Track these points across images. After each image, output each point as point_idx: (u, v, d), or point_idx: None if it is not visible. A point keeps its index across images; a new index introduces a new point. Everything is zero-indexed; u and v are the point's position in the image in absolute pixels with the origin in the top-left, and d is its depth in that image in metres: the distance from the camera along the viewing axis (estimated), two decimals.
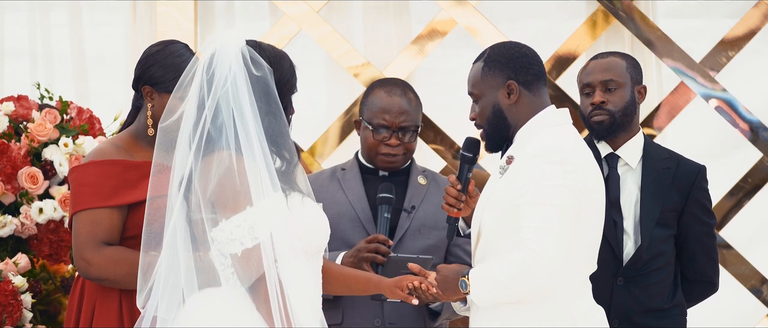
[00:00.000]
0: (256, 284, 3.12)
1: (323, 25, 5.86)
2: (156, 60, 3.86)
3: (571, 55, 5.88)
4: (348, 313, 4.23)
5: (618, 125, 4.31)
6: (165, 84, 3.83)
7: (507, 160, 3.64)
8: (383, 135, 4.27)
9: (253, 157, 3.13)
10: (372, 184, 4.32)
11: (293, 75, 3.32)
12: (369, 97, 4.34)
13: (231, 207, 3.11)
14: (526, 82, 3.67)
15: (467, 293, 3.58)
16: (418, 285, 3.64)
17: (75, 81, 5.97)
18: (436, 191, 4.35)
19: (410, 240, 4.26)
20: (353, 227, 4.25)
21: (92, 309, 3.85)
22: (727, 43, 5.85)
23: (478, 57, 3.76)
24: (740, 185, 5.83)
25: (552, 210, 3.48)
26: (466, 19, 5.85)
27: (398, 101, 4.28)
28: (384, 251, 4.10)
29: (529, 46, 3.75)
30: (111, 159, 3.83)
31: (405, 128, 4.28)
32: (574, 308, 3.59)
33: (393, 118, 4.26)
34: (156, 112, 3.85)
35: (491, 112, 3.69)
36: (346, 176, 4.36)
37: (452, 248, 4.31)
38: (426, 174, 4.40)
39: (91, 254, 3.76)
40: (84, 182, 3.82)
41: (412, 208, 4.30)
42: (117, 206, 3.79)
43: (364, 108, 4.33)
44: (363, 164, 4.38)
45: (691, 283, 4.41)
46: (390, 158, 4.29)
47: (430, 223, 4.29)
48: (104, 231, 3.77)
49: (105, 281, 3.79)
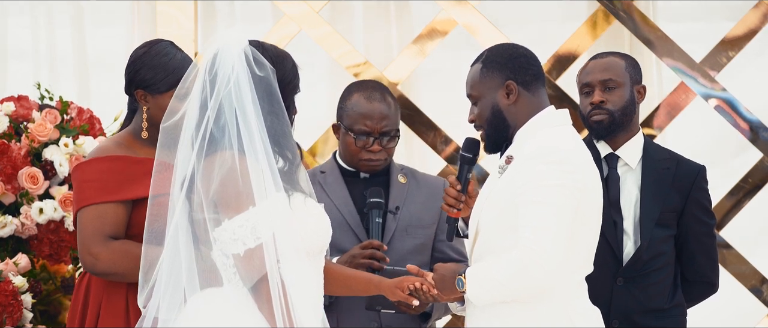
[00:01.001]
0: (259, 284, 3.12)
1: (323, 25, 5.86)
2: (143, 63, 3.86)
3: (572, 55, 5.88)
4: (344, 317, 4.23)
5: (617, 125, 4.31)
6: (156, 85, 3.83)
7: (506, 160, 3.65)
8: (365, 141, 4.28)
9: (256, 157, 3.13)
10: (354, 186, 4.34)
11: (296, 75, 3.32)
12: (347, 102, 4.34)
13: (234, 207, 3.11)
14: (524, 83, 3.68)
15: (464, 292, 3.59)
16: (420, 286, 3.65)
17: (76, 81, 5.97)
18: (417, 189, 4.38)
19: (398, 241, 4.28)
20: (342, 231, 4.24)
21: (98, 307, 3.85)
22: (727, 43, 5.85)
23: (476, 59, 3.77)
24: (740, 185, 5.83)
25: (550, 210, 3.48)
26: (467, 18, 5.85)
27: (379, 107, 4.29)
28: (380, 257, 4.12)
29: (526, 47, 3.76)
30: (114, 155, 3.84)
31: (386, 133, 4.29)
32: (571, 308, 3.59)
33: (374, 124, 4.27)
34: (152, 114, 3.86)
35: (490, 113, 3.70)
36: (327, 179, 4.36)
37: (438, 244, 4.33)
38: (405, 172, 4.42)
39: (99, 248, 3.75)
40: (88, 178, 3.82)
41: (397, 208, 4.32)
42: (122, 201, 3.79)
43: (343, 113, 4.33)
44: (343, 167, 4.38)
45: (690, 283, 4.41)
46: (372, 163, 4.30)
47: (416, 222, 4.32)
48: (110, 225, 3.77)
49: (112, 276, 3.79)
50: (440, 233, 4.35)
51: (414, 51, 5.90)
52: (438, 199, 4.36)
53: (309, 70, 5.67)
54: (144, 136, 3.86)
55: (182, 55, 3.90)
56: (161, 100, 3.84)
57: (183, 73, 3.80)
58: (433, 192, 4.40)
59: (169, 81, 3.82)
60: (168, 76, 3.83)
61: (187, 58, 3.90)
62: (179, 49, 3.92)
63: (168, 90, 3.83)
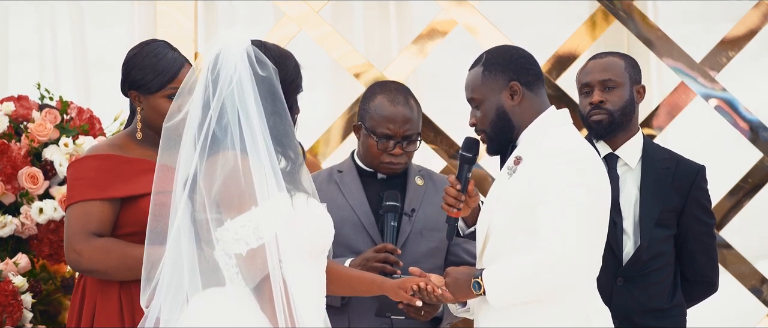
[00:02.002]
0: (261, 284, 3.12)
1: (324, 25, 5.85)
2: (135, 64, 3.88)
3: (571, 56, 5.88)
4: (355, 319, 4.22)
5: (617, 124, 4.32)
6: (146, 85, 3.86)
7: (514, 161, 3.64)
8: (386, 144, 4.24)
9: (259, 157, 3.12)
10: (371, 187, 4.31)
11: (298, 75, 3.31)
12: (370, 103, 4.27)
13: (236, 207, 3.11)
14: (527, 83, 3.68)
15: (480, 294, 3.57)
16: (424, 287, 3.64)
17: (76, 81, 5.97)
18: (434, 192, 4.33)
19: (413, 244, 4.24)
20: (356, 232, 4.23)
21: (93, 308, 3.86)
22: (727, 43, 5.85)
23: (474, 63, 3.75)
24: (740, 185, 5.83)
25: (571, 210, 3.48)
26: (467, 19, 5.85)
27: (402, 111, 4.22)
28: (393, 261, 4.09)
29: (524, 49, 3.76)
30: (105, 153, 3.86)
31: (408, 137, 4.25)
32: (589, 307, 3.59)
33: (397, 128, 4.22)
34: (145, 115, 3.88)
35: (495, 115, 3.69)
36: (344, 178, 4.32)
37: (453, 247, 4.29)
38: (422, 174, 4.37)
39: (81, 244, 3.78)
40: (78, 176, 3.85)
41: (413, 211, 4.27)
42: (109, 199, 3.81)
43: (365, 115, 4.27)
44: (360, 167, 4.35)
45: (690, 283, 4.42)
46: (393, 166, 4.26)
47: (431, 225, 4.27)
48: (95, 223, 3.79)
49: (96, 273, 3.81)
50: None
51: (414, 51, 5.89)
52: None
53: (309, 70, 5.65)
54: (138, 136, 3.88)
55: (174, 54, 3.90)
56: (153, 101, 3.86)
57: (173, 73, 3.84)
58: None
59: (158, 81, 3.85)
60: (157, 77, 3.85)
61: (179, 57, 3.91)
62: (172, 48, 3.93)
63: (158, 90, 3.86)
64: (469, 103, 3.75)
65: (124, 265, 3.77)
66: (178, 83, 3.79)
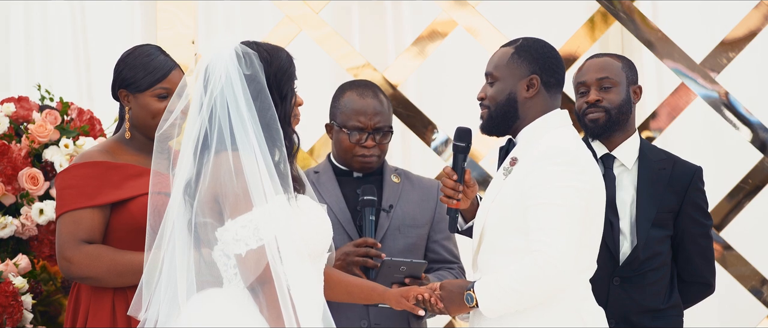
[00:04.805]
0: (259, 285, 3.13)
1: (323, 26, 5.85)
2: (126, 63, 3.94)
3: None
4: (333, 314, 4.23)
5: (613, 123, 4.32)
6: (136, 83, 3.89)
7: (510, 162, 3.65)
8: (359, 137, 4.32)
9: (255, 158, 3.13)
10: (347, 185, 4.37)
11: (291, 63, 3.33)
12: (340, 100, 4.39)
13: (236, 208, 3.11)
14: (547, 83, 3.69)
15: (473, 307, 3.58)
16: (428, 298, 3.63)
17: (76, 82, 5.97)
18: (411, 189, 4.41)
19: (391, 240, 4.30)
20: (334, 229, 4.25)
21: (87, 311, 3.88)
22: (728, 44, 5.85)
23: (509, 42, 3.77)
24: (740, 185, 5.82)
25: (562, 211, 3.49)
26: (467, 20, 5.85)
27: (372, 103, 4.34)
28: (374, 254, 4.14)
29: (559, 53, 3.77)
30: (93, 161, 3.88)
31: (380, 129, 4.34)
32: (582, 308, 3.60)
33: (368, 120, 4.32)
34: (134, 114, 3.91)
35: (505, 98, 3.70)
36: (320, 179, 4.39)
37: (431, 244, 4.35)
38: (399, 172, 4.45)
39: (72, 252, 3.81)
40: (66, 185, 3.89)
41: (390, 207, 4.34)
42: (98, 206, 3.84)
43: (336, 112, 4.38)
44: (336, 166, 4.41)
45: (687, 284, 4.42)
46: (366, 160, 4.34)
47: (409, 221, 4.35)
48: (85, 230, 3.82)
49: (87, 280, 3.84)
50: (434, 233, 4.37)
51: (413, 52, 5.89)
52: (432, 200, 4.39)
53: (309, 71, 5.67)
54: (127, 136, 3.92)
55: (165, 58, 3.96)
56: (142, 99, 3.90)
57: (164, 73, 3.88)
58: (426, 193, 4.42)
59: (148, 80, 3.89)
60: (147, 75, 3.89)
61: (169, 61, 3.96)
62: (164, 53, 3.99)
63: (148, 88, 3.90)
64: (486, 77, 3.76)
65: (115, 271, 3.80)
66: (168, 84, 3.85)
